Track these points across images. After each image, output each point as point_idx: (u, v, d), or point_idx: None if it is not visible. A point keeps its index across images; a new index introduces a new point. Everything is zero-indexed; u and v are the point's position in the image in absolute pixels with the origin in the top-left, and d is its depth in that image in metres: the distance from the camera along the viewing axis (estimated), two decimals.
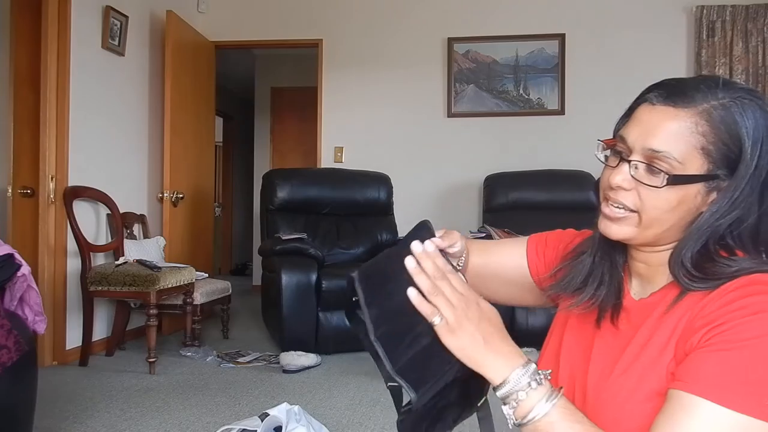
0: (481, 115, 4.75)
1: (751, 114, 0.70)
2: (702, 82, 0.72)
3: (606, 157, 0.78)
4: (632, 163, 0.73)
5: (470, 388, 0.78)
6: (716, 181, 0.71)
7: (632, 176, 0.73)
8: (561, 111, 4.61)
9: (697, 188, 0.72)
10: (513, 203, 4.31)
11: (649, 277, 0.80)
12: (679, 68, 4.50)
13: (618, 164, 0.75)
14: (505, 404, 0.70)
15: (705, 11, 4.37)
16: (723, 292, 0.69)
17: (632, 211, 0.74)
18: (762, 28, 4.32)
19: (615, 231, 0.76)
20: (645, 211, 0.73)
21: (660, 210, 0.72)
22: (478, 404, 0.82)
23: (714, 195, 0.72)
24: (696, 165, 0.71)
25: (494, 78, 4.73)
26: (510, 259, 0.99)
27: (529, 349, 2.26)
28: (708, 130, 0.70)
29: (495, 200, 4.37)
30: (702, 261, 0.73)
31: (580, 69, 4.58)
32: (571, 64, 4.61)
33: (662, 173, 0.71)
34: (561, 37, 4.62)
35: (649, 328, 0.75)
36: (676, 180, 0.70)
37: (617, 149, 0.76)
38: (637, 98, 0.77)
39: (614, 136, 0.78)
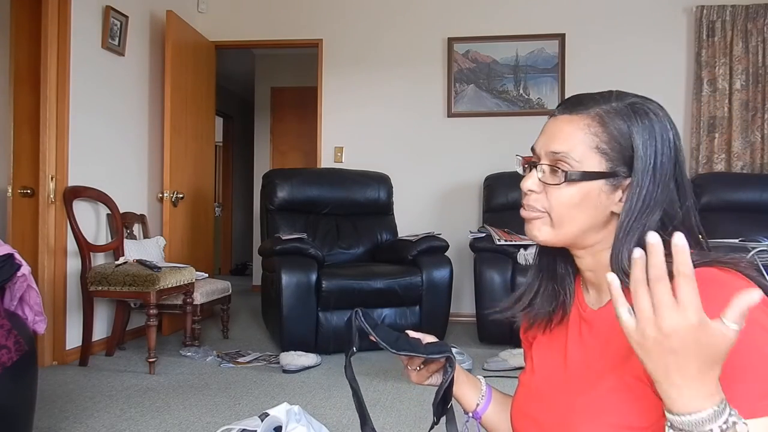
0: (481, 115, 4.75)
1: (642, 116, 0.77)
2: (598, 93, 0.81)
3: (523, 169, 0.87)
4: (539, 167, 0.81)
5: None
6: (617, 179, 0.77)
7: (539, 179, 0.81)
8: None
9: (598, 185, 0.78)
10: (513, 203, 4.31)
11: (600, 283, 0.84)
12: (679, 68, 4.50)
13: (530, 171, 0.83)
14: None
15: (705, 11, 4.37)
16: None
17: (543, 211, 0.81)
18: (762, 28, 4.32)
19: (535, 232, 0.83)
20: (552, 209, 0.80)
21: (565, 207, 0.79)
22: (447, 406, 0.91)
23: (620, 193, 0.78)
24: (593, 163, 0.77)
25: (494, 78, 4.73)
26: None
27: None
28: (600, 131, 0.77)
29: (495, 200, 4.37)
30: None
31: (580, 69, 4.58)
32: (571, 64, 4.61)
33: (559, 171, 0.78)
34: (561, 37, 4.62)
35: (614, 338, 0.77)
36: (571, 177, 0.77)
37: (532, 161, 0.84)
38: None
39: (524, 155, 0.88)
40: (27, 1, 3.30)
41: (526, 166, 0.86)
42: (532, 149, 0.85)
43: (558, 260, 0.90)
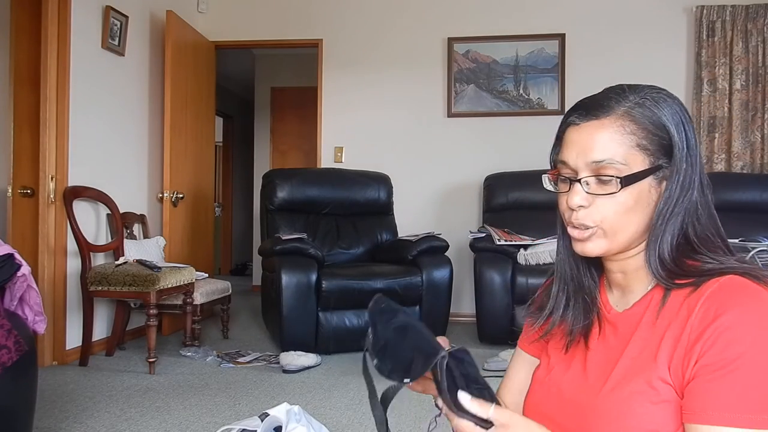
0: (481, 115, 4.75)
1: (663, 103, 0.77)
2: (610, 92, 0.79)
3: (555, 186, 0.83)
4: (583, 180, 0.77)
5: None
6: (662, 171, 0.77)
7: (587, 192, 0.77)
8: (561, 111, 4.60)
9: (648, 183, 0.76)
10: (513, 203, 4.31)
11: (628, 285, 0.83)
12: (679, 68, 4.50)
13: (570, 188, 0.79)
14: None
15: (705, 11, 4.37)
16: (703, 304, 0.71)
17: (595, 226, 0.78)
18: (762, 28, 4.32)
19: (590, 248, 0.80)
20: (607, 220, 0.77)
21: (620, 214, 0.77)
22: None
23: (665, 184, 0.77)
24: (638, 162, 0.76)
25: (494, 78, 4.73)
26: (526, 375, 0.97)
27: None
28: (635, 128, 0.76)
29: (495, 200, 4.37)
30: (681, 255, 0.76)
31: (580, 69, 4.58)
32: (571, 64, 4.61)
33: (613, 179, 0.75)
34: (561, 37, 4.62)
35: (640, 340, 0.77)
36: (627, 180, 0.75)
37: (563, 176, 0.81)
38: (561, 125, 0.82)
39: (553, 167, 0.84)
40: (27, 1, 3.30)
41: (560, 181, 0.82)
42: (562, 162, 0.80)
43: (581, 268, 0.87)
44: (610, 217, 0.77)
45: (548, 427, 0.81)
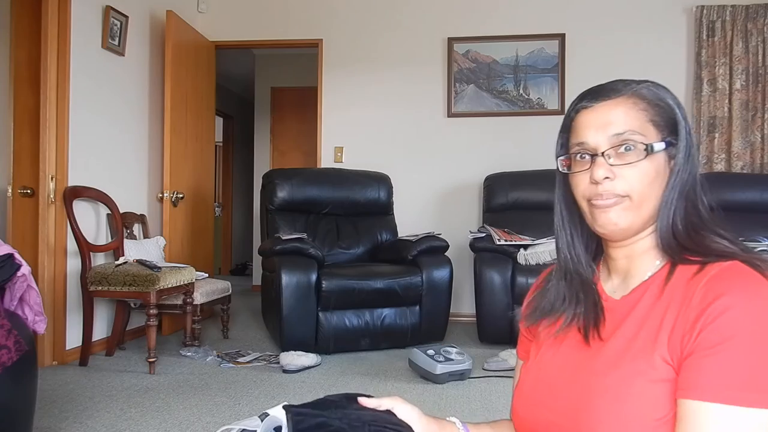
0: (481, 115, 4.75)
1: (662, 89, 0.83)
2: (615, 81, 0.84)
3: (569, 168, 0.85)
4: (605, 153, 0.80)
5: None
6: (673, 148, 0.81)
7: (611, 164, 0.79)
8: (561, 111, 4.61)
9: (663, 157, 0.80)
10: (513, 203, 4.31)
11: (631, 269, 0.84)
12: (679, 68, 4.50)
13: (591, 164, 0.81)
14: None
15: (705, 11, 4.37)
16: (704, 285, 0.72)
17: (623, 195, 0.80)
18: (762, 28, 4.32)
19: (616, 217, 0.81)
20: (634, 189, 0.79)
21: (645, 184, 0.79)
22: None
23: (672, 162, 0.81)
24: (653, 135, 0.79)
25: (494, 78, 4.73)
26: None
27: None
28: (646, 106, 0.80)
29: (495, 200, 4.37)
30: (694, 230, 0.79)
31: (580, 69, 4.58)
32: (571, 64, 4.61)
33: (638, 145, 0.78)
34: (561, 37, 4.62)
35: (639, 321, 0.78)
36: (650, 148, 0.78)
37: (582, 154, 0.82)
38: (569, 113, 0.85)
39: (561, 155, 0.86)
40: (27, 1, 3.30)
41: (578, 161, 0.83)
42: (578, 144, 0.82)
43: (582, 261, 0.89)
44: (637, 186, 0.79)
45: (543, 413, 0.83)
